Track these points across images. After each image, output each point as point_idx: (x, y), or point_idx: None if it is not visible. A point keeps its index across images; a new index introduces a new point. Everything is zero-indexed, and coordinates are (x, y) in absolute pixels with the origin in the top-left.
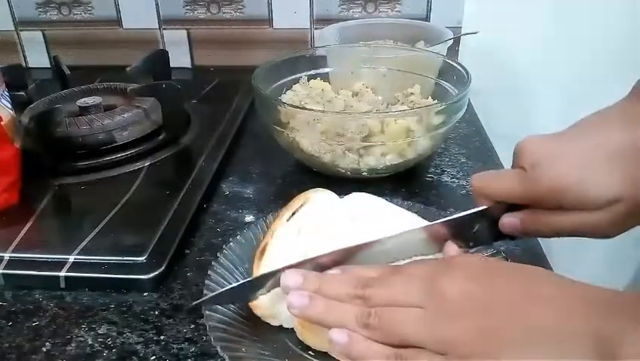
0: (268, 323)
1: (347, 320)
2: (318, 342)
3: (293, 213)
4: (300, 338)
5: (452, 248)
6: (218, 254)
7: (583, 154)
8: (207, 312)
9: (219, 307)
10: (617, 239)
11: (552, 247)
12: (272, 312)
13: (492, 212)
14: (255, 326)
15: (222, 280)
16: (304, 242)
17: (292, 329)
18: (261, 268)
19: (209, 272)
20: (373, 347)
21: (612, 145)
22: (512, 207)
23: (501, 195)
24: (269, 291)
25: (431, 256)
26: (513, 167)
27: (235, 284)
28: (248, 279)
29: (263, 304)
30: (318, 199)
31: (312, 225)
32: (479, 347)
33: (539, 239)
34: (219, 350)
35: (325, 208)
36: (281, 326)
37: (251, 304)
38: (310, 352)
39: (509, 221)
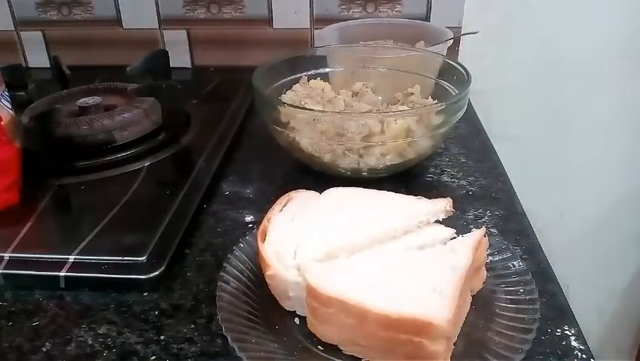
0: (280, 316)
1: None
2: (328, 334)
3: (282, 207)
4: (312, 330)
5: None
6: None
7: None
8: (219, 303)
9: (232, 298)
10: (617, 239)
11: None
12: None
13: None
14: (267, 318)
15: (237, 272)
16: (298, 225)
17: (304, 322)
18: (265, 247)
19: (224, 264)
20: None
21: None
22: None
23: None
24: None
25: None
26: None
27: None
28: None
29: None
30: (302, 195)
31: (303, 212)
32: None
33: (539, 240)
34: (229, 340)
35: (310, 200)
36: (295, 314)
37: (266, 275)
38: (320, 346)
39: None
